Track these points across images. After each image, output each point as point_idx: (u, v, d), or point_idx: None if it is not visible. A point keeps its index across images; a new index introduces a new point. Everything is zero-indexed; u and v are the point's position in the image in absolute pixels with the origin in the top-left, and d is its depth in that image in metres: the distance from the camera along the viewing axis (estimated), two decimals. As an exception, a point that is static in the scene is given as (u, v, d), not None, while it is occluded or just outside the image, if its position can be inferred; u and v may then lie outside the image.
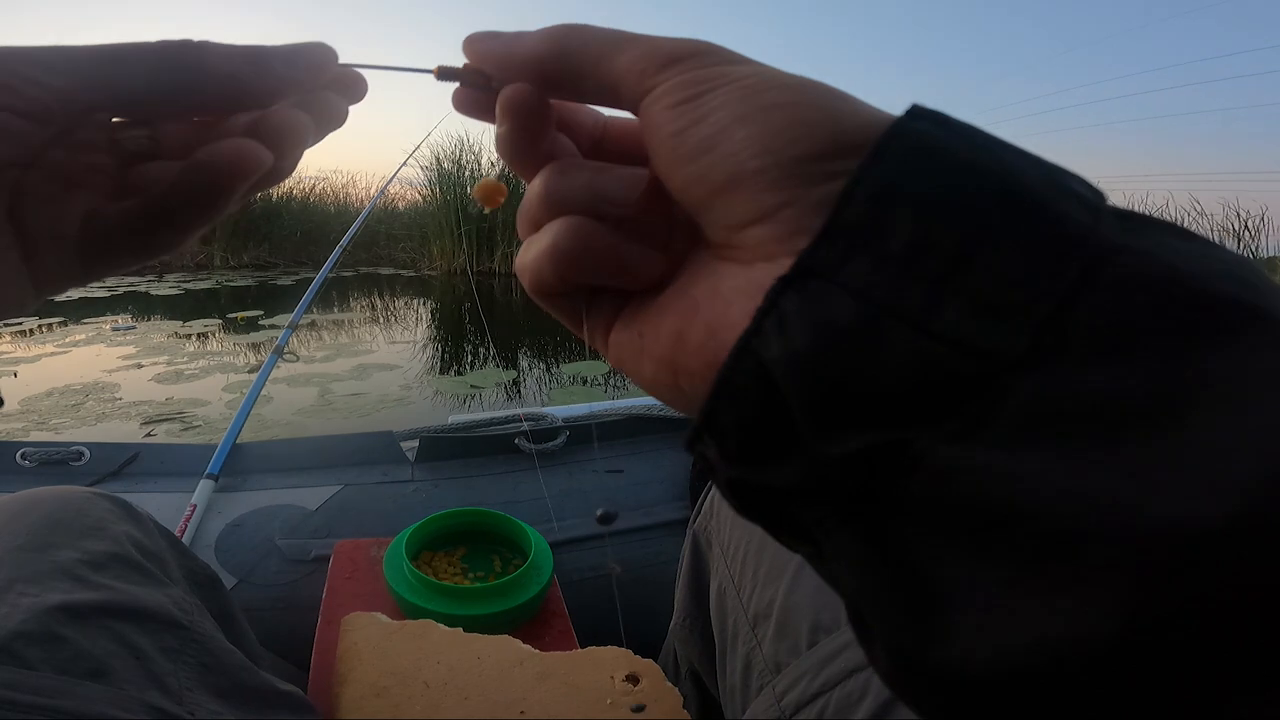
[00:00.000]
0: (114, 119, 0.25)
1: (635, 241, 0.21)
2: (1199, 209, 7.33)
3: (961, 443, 0.14)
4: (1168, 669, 0.12)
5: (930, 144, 0.16)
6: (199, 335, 4.34)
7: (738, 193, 0.18)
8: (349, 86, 0.27)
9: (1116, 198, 0.17)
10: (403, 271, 7.48)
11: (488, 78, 0.22)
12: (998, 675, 0.14)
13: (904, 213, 0.15)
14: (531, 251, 0.22)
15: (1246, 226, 7.24)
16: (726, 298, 0.18)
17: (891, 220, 0.15)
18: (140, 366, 3.49)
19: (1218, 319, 0.14)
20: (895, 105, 0.18)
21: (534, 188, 0.22)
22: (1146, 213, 0.16)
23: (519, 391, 3.25)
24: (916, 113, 0.17)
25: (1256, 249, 7.21)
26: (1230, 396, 0.13)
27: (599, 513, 0.73)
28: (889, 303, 0.15)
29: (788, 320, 0.16)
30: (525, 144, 0.22)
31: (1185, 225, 0.17)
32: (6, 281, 0.23)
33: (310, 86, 0.25)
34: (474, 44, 0.22)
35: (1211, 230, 7.15)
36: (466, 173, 7.10)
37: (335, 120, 0.27)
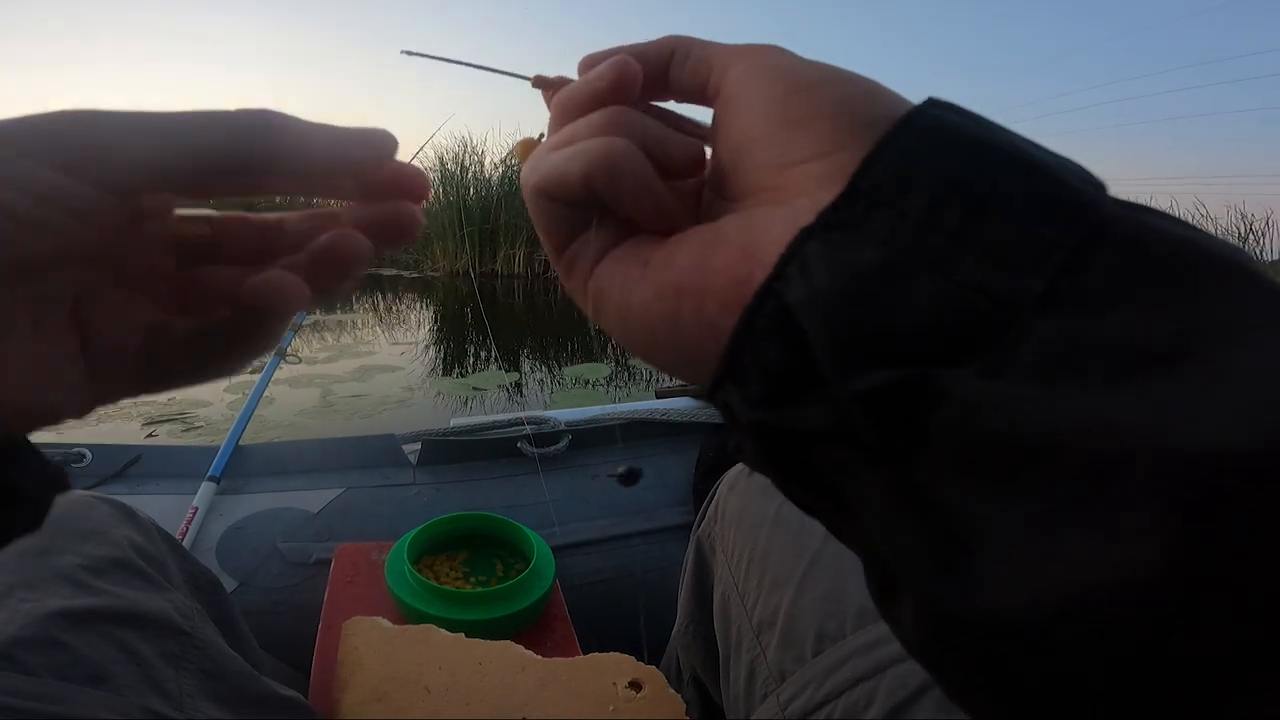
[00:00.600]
0: (177, 210, 0.24)
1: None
2: (1204, 212, 7.31)
3: (986, 378, 0.15)
4: (1215, 599, 0.12)
5: (946, 123, 0.17)
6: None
7: (809, 128, 0.19)
8: (413, 185, 0.25)
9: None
10: (405, 272, 7.48)
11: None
12: (1038, 620, 0.13)
13: (922, 177, 0.16)
14: (568, 151, 0.22)
15: (1251, 229, 7.22)
16: (764, 226, 0.19)
17: (910, 182, 0.16)
18: (143, 367, 3.49)
19: (1221, 271, 0.15)
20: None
21: (600, 113, 0.23)
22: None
23: (521, 394, 3.24)
24: (933, 102, 0.18)
25: (1261, 252, 7.19)
26: (1245, 331, 0.13)
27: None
28: (909, 250, 0.16)
29: (810, 264, 0.17)
30: (607, 99, 0.23)
31: None
32: (71, 390, 0.22)
33: (374, 172, 0.24)
34: (610, 64, 0.23)
35: (1216, 233, 7.07)
36: (470, 174, 7.11)
37: (408, 230, 0.25)
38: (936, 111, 0.18)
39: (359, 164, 0.23)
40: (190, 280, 0.24)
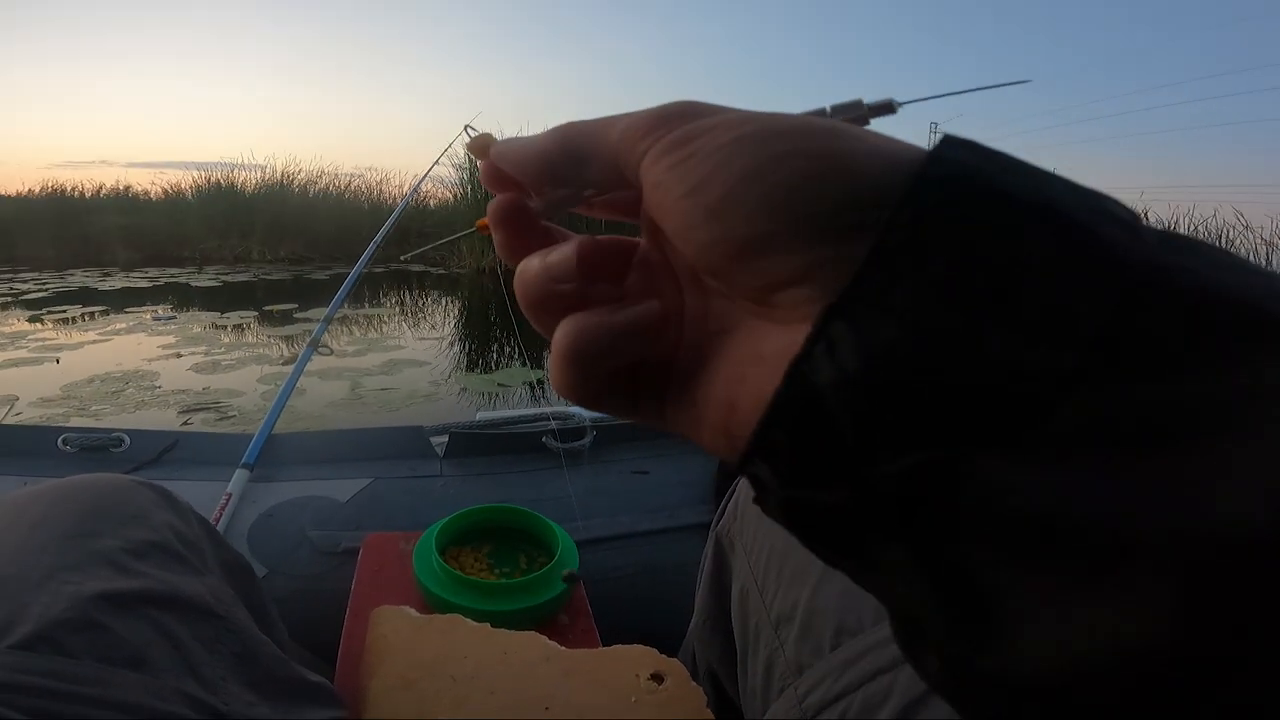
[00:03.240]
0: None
1: (624, 308, 0.21)
2: (1244, 222, 7.12)
3: (1009, 458, 0.15)
4: (1222, 675, 0.13)
5: (965, 172, 0.16)
6: (235, 327, 4.43)
7: (764, 257, 0.18)
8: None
9: (1161, 209, 0.16)
10: (432, 269, 7.55)
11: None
12: (1052, 681, 0.14)
13: (943, 241, 0.16)
14: (555, 371, 0.22)
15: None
16: (772, 365, 0.18)
17: (932, 248, 0.16)
18: (179, 356, 3.57)
19: (1265, 333, 0.14)
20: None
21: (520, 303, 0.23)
22: (1183, 233, 0.17)
23: (544, 390, 3.26)
24: (950, 142, 0.17)
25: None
26: (1274, 404, 0.13)
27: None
28: (934, 327, 0.15)
29: (837, 345, 0.16)
30: (516, 244, 0.24)
31: (1230, 240, 0.17)
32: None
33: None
34: (498, 150, 0.24)
35: (1257, 243, 6.94)
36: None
37: None
38: (955, 155, 0.17)
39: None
40: None
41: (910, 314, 0.15)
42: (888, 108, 0.23)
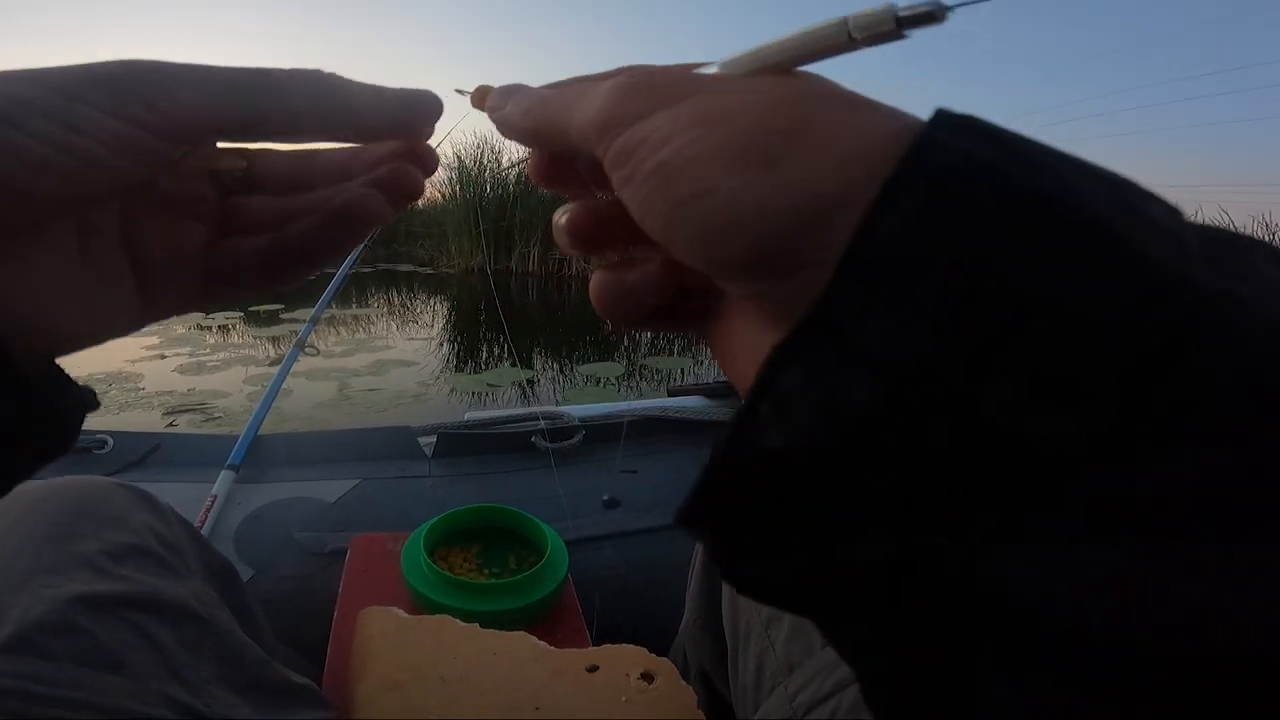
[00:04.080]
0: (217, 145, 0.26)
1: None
2: (1227, 221, 7.21)
3: (999, 550, 0.12)
4: None
5: (968, 163, 0.12)
6: (221, 328, 4.39)
7: (721, 279, 0.16)
8: (426, 161, 0.27)
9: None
10: (421, 269, 7.52)
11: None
12: None
13: (940, 256, 0.12)
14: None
15: (1275, 239, 7.10)
16: (754, 358, 0.15)
17: (923, 266, 0.12)
18: (163, 357, 3.53)
19: None
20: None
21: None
22: (1229, 228, 0.14)
23: (534, 391, 3.25)
24: (944, 121, 0.13)
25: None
26: None
27: (605, 497, 0.73)
28: (919, 380, 0.12)
29: (789, 404, 0.13)
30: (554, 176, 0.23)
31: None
32: (120, 309, 0.24)
33: (417, 132, 0.25)
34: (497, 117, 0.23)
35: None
36: (486, 171, 7.13)
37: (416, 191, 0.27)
38: (952, 141, 0.13)
39: (403, 126, 0.24)
40: (230, 207, 0.26)
41: (887, 360, 0.12)
42: (931, 17, 0.14)
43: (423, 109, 0.24)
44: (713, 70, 0.18)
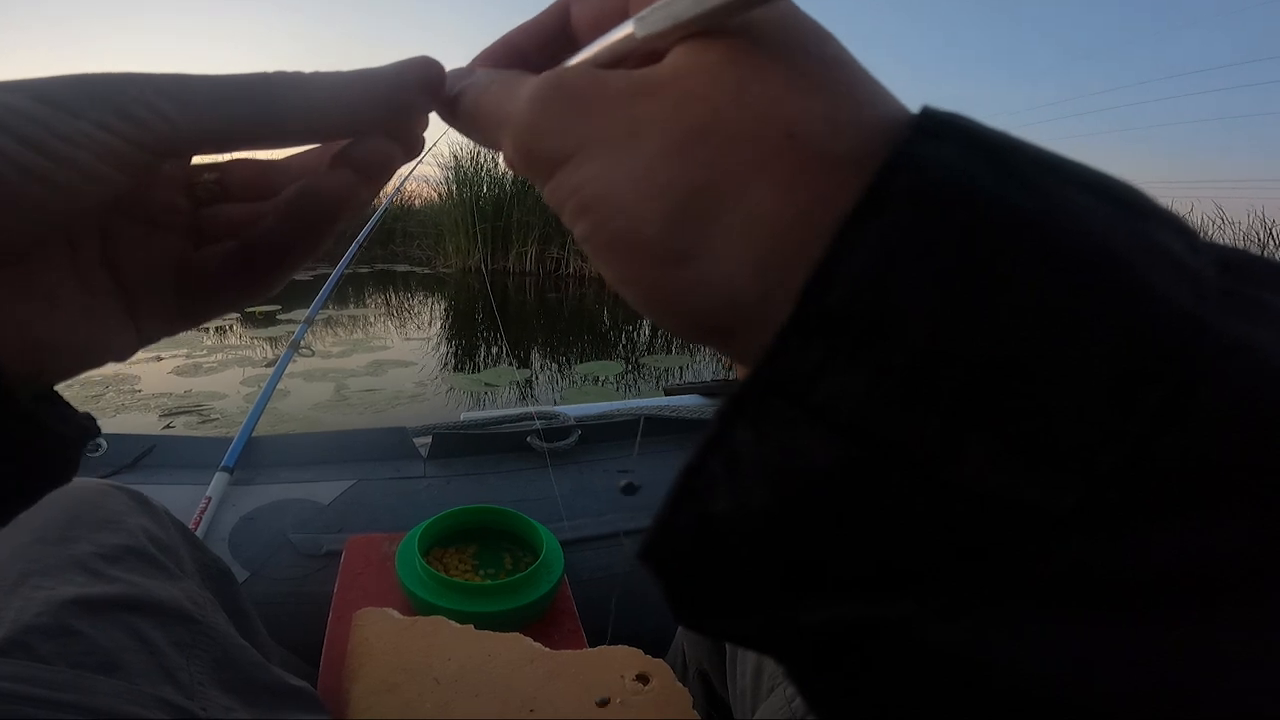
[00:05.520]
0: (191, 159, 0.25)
1: None
2: (1224, 217, 7.22)
3: (964, 624, 0.11)
4: None
5: (950, 179, 0.11)
6: (217, 329, 4.38)
7: (701, 263, 0.14)
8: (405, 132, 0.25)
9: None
10: (418, 269, 7.51)
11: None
12: None
13: (912, 297, 0.11)
14: None
15: (1271, 235, 7.12)
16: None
17: (893, 310, 0.11)
18: (159, 359, 3.52)
19: None
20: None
21: None
22: (1252, 251, 0.12)
23: (532, 390, 3.25)
24: (930, 126, 0.12)
25: (1280, 257, 7.08)
26: None
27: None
28: (886, 441, 0.11)
29: (740, 464, 0.12)
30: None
31: (1207, 236, 0.12)
32: (113, 328, 0.23)
33: (419, 108, 0.23)
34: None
35: (1235, 239, 7.04)
36: (483, 171, 7.13)
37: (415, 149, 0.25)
38: (936, 154, 0.11)
39: (403, 109, 0.22)
40: (205, 216, 0.26)
41: (850, 418, 0.11)
42: None
43: (416, 75, 0.22)
44: (628, 31, 0.16)
